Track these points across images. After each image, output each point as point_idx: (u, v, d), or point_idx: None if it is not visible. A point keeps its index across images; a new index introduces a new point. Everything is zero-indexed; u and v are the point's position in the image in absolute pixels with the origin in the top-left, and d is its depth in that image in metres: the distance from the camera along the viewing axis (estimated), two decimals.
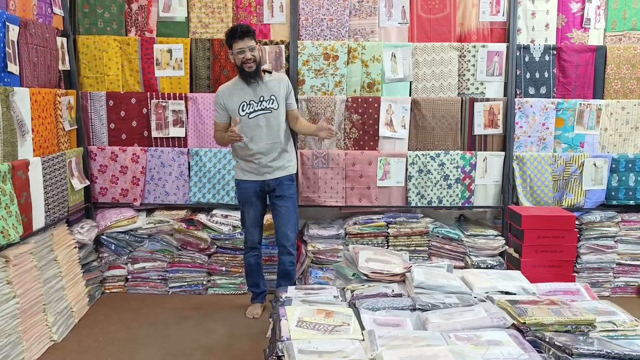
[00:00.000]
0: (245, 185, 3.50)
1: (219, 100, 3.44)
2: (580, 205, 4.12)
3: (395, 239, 4.09)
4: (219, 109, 3.46)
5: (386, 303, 2.42)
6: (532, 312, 2.08)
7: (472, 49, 4.08)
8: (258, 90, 3.41)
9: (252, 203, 3.53)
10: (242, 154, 3.48)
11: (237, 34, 3.27)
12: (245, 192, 3.52)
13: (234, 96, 3.41)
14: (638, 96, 4.13)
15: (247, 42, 3.28)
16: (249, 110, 3.41)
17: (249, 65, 3.30)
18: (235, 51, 3.30)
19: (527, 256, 3.15)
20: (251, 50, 3.29)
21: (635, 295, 4.13)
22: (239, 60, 3.32)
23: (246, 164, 3.49)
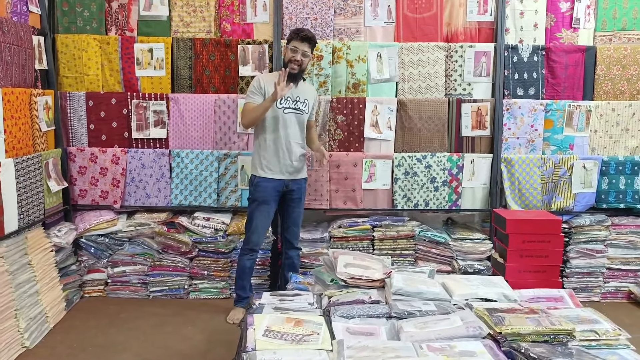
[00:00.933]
0: (266, 184, 3.42)
1: (260, 84, 3.39)
2: (570, 209, 4.04)
3: (381, 242, 4.01)
4: (257, 92, 3.38)
5: (362, 310, 2.34)
6: (510, 322, 2.01)
7: (459, 49, 4.00)
8: (294, 90, 3.43)
9: (267, 203, 3.45)
10: (272, 150, 3.41)
11: (301, 35, 3.36)
12: (265, 191, 3.43)
13: (274, 87, 3.34)
14: (628, 97, 4.06)
15: (304, 47, 3.36)
16: (285, 105, 3.42)
17: (293, 66, 3.35)
18: (290, 47, 3.36)
19: (511, 261, 3.08)
20: (303, 55, 3.36)
21: (625, 300, 4.05)
22: (287, 56, 3.38)
23: (271, 162, 3.42)
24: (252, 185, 3.49)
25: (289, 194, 3.51)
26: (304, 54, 3.36)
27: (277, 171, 3.43)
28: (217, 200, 4.00)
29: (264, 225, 3.50)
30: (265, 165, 3.43)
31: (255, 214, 3.46)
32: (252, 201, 3.48)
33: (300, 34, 3.36)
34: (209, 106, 3.96)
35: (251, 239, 3.50)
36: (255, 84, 3.41)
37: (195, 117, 3.97)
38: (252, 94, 3.40)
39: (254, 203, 3.46)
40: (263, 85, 3.39)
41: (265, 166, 3.43)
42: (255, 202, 3.46)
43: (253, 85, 3.41)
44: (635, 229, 4.04)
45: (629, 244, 4.03)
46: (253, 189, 3.47)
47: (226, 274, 3.95)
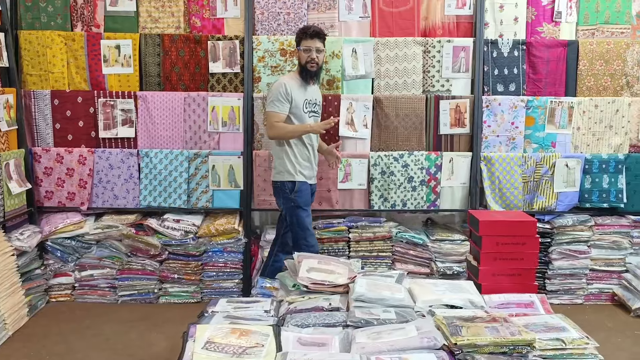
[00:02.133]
0: (305, 187, 3.38)
1: (287, 90, 3.29)
2: (552, 209, 3.91)
3: (357, 244, 3.89)
4: (285, 100, 3.29)
5: (317, 319, 2.23)
6: (467, 332, 1.88)
7: (437, 44, 3.87)
8: (311, 91, 3.43)
9: (309, 204, 3.43)
10: (304, 155, 3.38)
11: (309, 33, 3.31)
12: (307, 194, 3.40)
13: (298, 91, 3.35)
14: (612, 93, 3.93)
15: (316, 43, 3.31)
16: (309, 108, 3.41)
17: (312, 65, 3.31)
18: (303, 48, 3.31)
19: (485, 264, 2.94)
20: (317, 52, 3.32)
21: (609, 302, 3.93)
22: (303, 58, 3.33)
23: (304, 167, 3.38)
24: (290, 192, 3.36)
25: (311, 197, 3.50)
26: (318, 49, 3.31)
27: (309, 176, 3.42)
28: (187, 201, 3.87)
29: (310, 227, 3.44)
30: (299, 170, 3.36)
31: (306, 218, 3.38)
32: (296, 208, 3.36)
33: (308, 31, 3.31)
34: (178, 104, 3.84)
35: (313, 243, 3.41)
36: (281, 90, 3.28)
37: (165, 116, 3.84)
38: (279, 103, 3.28)
39: (300, 209, 3.36)
40: (289, 91, 3.29)
41: (299, 171, 3.36)
42: (301, 208, 3.37)
43: (279, 92, 3.28)
44: (619, 229, 3.91)
45: (613, 245, 3.90)
46: (294, 195, 3.35)
47: (197, 277, 3.83)
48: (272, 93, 3.33)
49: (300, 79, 3.37)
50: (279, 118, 3.30)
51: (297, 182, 3.35)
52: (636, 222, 3.91)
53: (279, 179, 3.39)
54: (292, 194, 3.35)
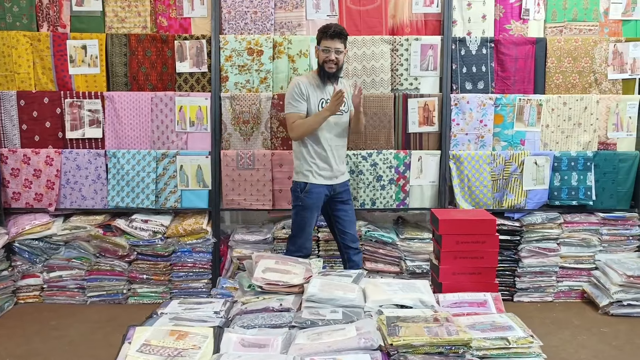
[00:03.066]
0: (317, 190, 3.29)
1: (302, 90, 3.23)
2: (521, 206, 3.91)
3: (326, 243, 3.88)
4: (300, 99, 3.23)
5: (265, 320, 2.22)
6: (405, 332, 1.88)
7: (405, 42, 3.86)
8: (330, 91, 3.29)
9: (317, 208, 3.34)
10: (319, 154, 3.29)
11: (329, 33, 3.20)
12: (316, 197, 3.29)
13: (314, 90, 3.27)
14: (580, 91, 3.93)
15: (336, 44, 3.20)
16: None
17: (330, 66, 3.22)
18: (322, 48, 3.22)
19: (445, 263, 2.94)
20: (337, 53, 3.21)
21: (579, 300, 3.93)
22: (321, 58, 3.24)
23: (320, 167, 3.29)
24: (301, 192, 3.31)
25: (336, 198, 3.38)
26: (337, 51, 3.21)
27: (327, 177, 3.31)
28: (155, 201, 3.86)
29: (310, 231, 3.36)
30: (315, 171, 3.28)
31: (307, 221, 3.31)
32: (302, 208, 3.31)
33: (328, 31, 3.20)
34: (145, 104, 3.82)
35: (304, 245, 3.35)
36: (296, 90, 3.23)
37: (132, 116, 3.83)
38: (294, 102, 3.23)
39: (306, 210, 3.30)
40: (305, 91, 3.23)
41: (315, 172, 3.29)
42: (308, 210, 3.30)
43: (294, 92, 3.23)
44: (588, 227, 3.91)
45: (582, 242, 3.90)
46: (303, 195, 3.30)
47: (166, 277, 3.83)
48: (287, 94, 3.27)
49: (318, 78, 3.30)
50: (297, 118, 3.23)
51: (309, 183, 3.29)
52: (605, 219, 3.91)
53: (295, 179, 3.37)
54: (302, 193, 3.31)
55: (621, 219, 3.91)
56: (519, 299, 3.91)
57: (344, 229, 3.41)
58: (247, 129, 3.86)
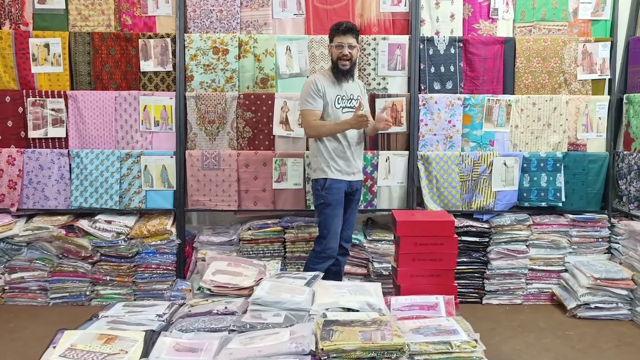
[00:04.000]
0: (338, 185, 3.26)
1: (319, 87, 3.21)
2: (490, 208, 3.87)
3: (293, 244, 3.83)
4: (317, 96, 3.21)
5: (205, 323, 2.18)
6: (338, 336, 1.83)
7: (372, 42, 3.82)
8: (347, 87, 3.31)
9: (341, 204, 3.30)
10: (338, 151, 3.26)
11: (341, 29, 3.21)
12: (338, 193, 3.26)
13: (330, 87, 3.26)
14: (550, 91, 3.89)
15: (348, 39, 3.21)
16: (343, 104, 3.30)
17: (344, 62, 3.22)
18: (335, 44, 3.22)
19: (404, 265, 2.90)
20: (350, 48, 3.21)
21: (549, 302, 3.89)
22: (335, 55, 3.24)
23: (338, 163, 3.26)
24: (322, 189, 3.26)
25: (351, 195, 3.37)
26: (350, 45, 3.20)
27: (344, 172, 3.29)
28: (120, 202, 3.81)
29: (336, 229, 3.29)
30: (333, 166, 3.26)
31: (333, 219, 3.26)
32: (325, 205, 3.27)
33: (340, 27, 3.21)
34: (109, 104, 3.77)
35: (330, 245, 3.27)
36: (312, 87, 3.20)
37: (96, 116, 3.78)
38: (311, 99, 3.20)
39: (329, 207, 3.26)
40: (321, 88, 3.21)
41: (334, 167, 3.26)
42: (330, 206, 3.26)
43: (311, 89, 3.20)
44: (558, 228, 3.87)
45: (552, 244, 3.86)
46: (325, 192, 3.25)
47: (130, 279, 3.77)
48: (303, 91, 3.26)
49: (332, 75, 3.28)
50: (314, 115, 3.21)
51: (328, 178, 3.25)
52: (574, 221, 3.87)
53: (314, 177, 3.34)
54: (322, 190, 3.27)
55: (591, 221, 3.88)
56: (487, 302, 3.87)
57: (344, 228, 3.37)
58: (213, 128, 3.82)
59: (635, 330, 3.43)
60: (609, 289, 3.57)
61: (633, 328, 3.47)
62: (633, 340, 3.30)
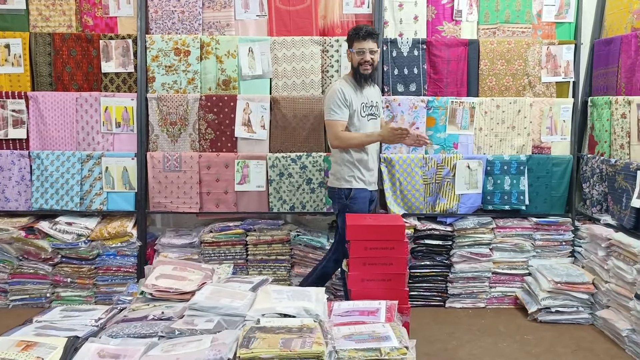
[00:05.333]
0: (362, 194, 3.26)
1: (346, 96, 3.17)
2: (454, 211, 3.85)
3: (255, 247, 3.81)
4: (344, 106, 3.16)
5: (136, 328, 2.15)
6: (258, 344, 1.81)
7: (335, 44, 3.80)
8: (368, 94, 3.28)
9: (365, 212, 3.29)
10: (363, 161, 3.24)
11: (361, 34, 3.15)
12: (362, 201, 3.26)
13: (355, 95, 3.22)
14: (514, 94, 3.87)
15: (369, 44, 3.15)
16: (368, 112, 3.27)
17: (365, 67, 3.17)
18: (355, 50, 3.17)
19: (354, 269, 2.87)
20: (371, 53, 3.16)
21: (513, 306, 3.87)
22: (356, 61, 3.19)
23: (363, 172, 3.26)
24: (346, 198, 3.25)
25: (370, 205, 3.38)
26: (372, 51, 3.15)
27: (368, 182, 3.29)
28: (81, 203, 3.79)
29: None
30: (359, 177, 3.25)
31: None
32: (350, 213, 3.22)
33: (360, 32, 3.15)
34: (70, 105, 3.75)
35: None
36: (339, 96, 3.16)
37: (56, 117, 3.76)
38: (337, 109, 3.15)
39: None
40: (348, 97, 3.18)
41: (358, 177, 3.25)
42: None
43: (337, 98, 3.15)
44: (521, 232, 3.85)
45: (515, 247, 3.84)
46: (350, 202, 3.24)
47: (91, 281, 3.76)
48: (329, 100, 3.19)
49: (355, 82, 3.24)
50: (341, 126, 3.17)
51: (353, 189, 3.25)
52: (538, 224, 3.86)
53: (336, 186, 3.30)
54: (347, 199, 3.26)
55: (554, 224, 3.86)
56: (451, 305, 3.86)
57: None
58: (175, 130, 3.80)
59: (594, 335, 3.42)
60: (570, 293, 3.55)
61: (593, 332, 3.46)
62: (591, 345, 3.28)
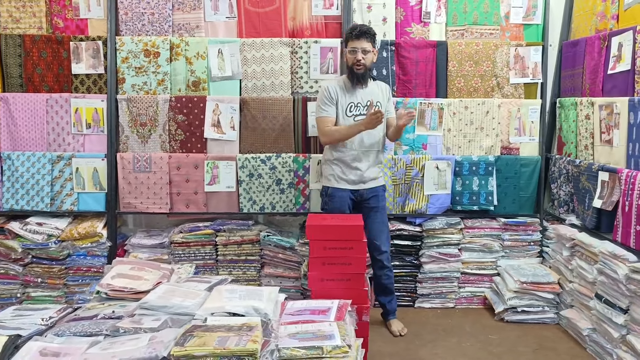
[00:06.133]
0: (340, 194, 3.27)
1: (331, 95, 3.22)
2: (423, 211, 3.87)
3: (225, 247, 3.83)
4: (330, 103, 3.22)
5: (84, 327, 2.17)
6: (194, 342, 1.84)
7: (304, 45, 3.82)
8: (364, 94, 3.28)
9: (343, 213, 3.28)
10: (342, 159, 3.26)
11: (354, 33, 3.17)
12: (339, 201, 3.27)
13: (344, 95, 3.25)
14: (482, 95, 3.89)
15: (362, 43, 3.17)
16: (356, 112, 3.26)
17: (358, 67, 3.18)
18: (348, 49, 3.20)
19: (314, 269, 2.89)
20: (364, 52, 3.17)
21: (482, 306, 3.89)
22: (350, 60, 3.21)
23: (343, 170, 3.27)
24: (325, 196, 3.33)
25: (365, 203, 3.33)
26: (364, 50, 3.16)
27: (351, 181, 3.28)
28: (51, 204, 3.81)
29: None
30: (337, 175, 3.28)
31: None
32: (327, 212, 3.31)
33: (354, 32, 3.17)
34: (40, 106, 3.78)
35: None
36: (325, 94, 3.22)
37: (27, 118, 3.78)
38: (325, 106, 3.21)
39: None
40: (334, 95, 3.22)
41: (338, 176, 3.28)
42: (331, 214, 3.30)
43: (324, 96, 3.22)
44: (490, 232, 3.87)
45: (484, 248, 3.86)
46: (327, 199, 3.31)
47: (61, 281, 3.78)
48: (318, 99, 3.28)
49: (348, 81, 3.27)
50: (328, 122, 3.21)
51: (330, 187, 3.28)
52: (506, 224, 3.87)
53: (322, 183, 3.38)
54: (326, 197, 3.32)
55: (522, 225, 3.88)
56: (420, 305, 3.88)
57: (369, 238, 3.25)
58: (145, 131, 3.82)
59: (558, 335, 3.44)
60: (536, 293, 3.57)
61: (557, 332, 3.48)
62: (554, 344, 3.30)
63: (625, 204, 2.93)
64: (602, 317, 3.03)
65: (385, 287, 3.45)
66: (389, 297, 3.49)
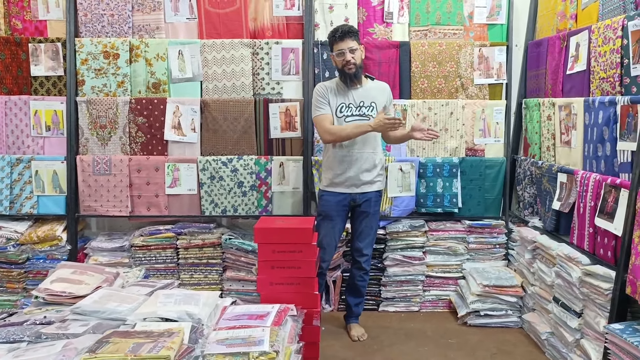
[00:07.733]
0: (331, 198, 3.24)
1: (323, 93, 3.18)
2: (387, 214, 3.82)
3: (186, 251, 3.79)
4: (324, 101, 3.18)
5: (7, 334, 2.14)
6: (107, 349, 1.79)
7: (265, 46, 3.78)
8: (357, 94, 3.21)
9: (332, 218, 3.25)
10: (337, 162, 3.20)
11: (337, 35, 3.10)
12: (330, 205, 3.24)
13: (334, 96, 3.20)
14: (447, 96, 3.84)
15: (348, 43, 3.10)
16: (347, 113, 3.20)
17: (349, 67, 3.11)
18: (335, 53, 3.13)
19: (263, 273, 2.84)
20: (351, 52, 3.10)
21: (447, 309, 3.84)
22: (339, 63, 3.14)
23: (337, 174, 3.22)
24: (318, 198, 3.33)
25: (358, 207, 3.29)
26: (351, 49, 3.10)
27: (343, 185, 3.21)
28: (10, 207, 3.77)
29: (329, 242, 3.28)
30: (331, 178, 3.23)
31: (323, 230, 3.26)
32: (319, 215, 3.30)
33: (336, 34, 3.11)
34: None
35: (324, 258, 3.28)
36: (317, 93, 3.19)
37: None
38: (320, 105, 3.17)
39: (319, 217, 3.29)
40: (325, 94, 3.18)
41: (331, 180, 3.23)
42: (320, 217, 3.28)
43: (316, 97, 3.19)
44: (455, 235, 3.82)
45: (449, 251, 3.81)
46: (318, 202, 3.32)
47: (21, 285, 3.75)
48: (312, 101, 3.24)
49: (342, 83, 3.21)
50: (328, 119, 3.15)
51: (322, 190, 3.28)
52: (471, 227, 3.82)
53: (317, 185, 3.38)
54: (318, 200, 3.32)
55: (487, 227, 3.83)
56: (384, 309, 3.82)
57: (354, 239, 3.35)
58: (105, 133, 3.78)
59: (519, 339, 3.38)
60: (498, 296, 3.52)
61: (519, 336, 3.42)
62: (513, 348, 3.25)
63: (580, 206, 2.88)
64: (558, 321, 2.98)
65: (358, 289, 3.43)
66: (357, 300, 3.45)
